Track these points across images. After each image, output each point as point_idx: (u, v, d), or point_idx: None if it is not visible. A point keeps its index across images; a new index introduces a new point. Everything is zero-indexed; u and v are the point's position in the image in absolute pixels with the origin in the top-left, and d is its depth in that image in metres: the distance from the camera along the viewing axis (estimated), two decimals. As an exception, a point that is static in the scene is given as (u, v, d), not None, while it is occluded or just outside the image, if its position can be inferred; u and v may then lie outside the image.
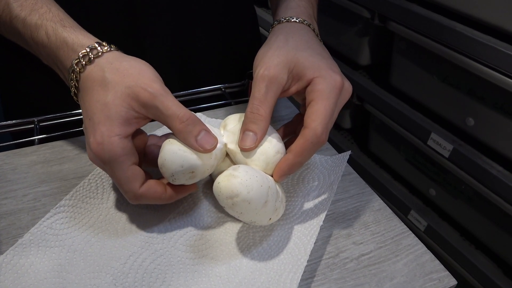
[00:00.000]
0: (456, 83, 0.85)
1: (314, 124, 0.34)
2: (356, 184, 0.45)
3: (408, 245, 0.38)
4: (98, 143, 0.33)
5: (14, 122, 0.52)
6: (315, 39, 0.41)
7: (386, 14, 0.93)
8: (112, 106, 0.33)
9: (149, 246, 0.36)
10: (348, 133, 1.25)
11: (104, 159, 0.33)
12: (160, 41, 0.56)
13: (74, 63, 0.35)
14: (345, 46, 1.11)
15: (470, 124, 0.84)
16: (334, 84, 0.35)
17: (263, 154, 0.35)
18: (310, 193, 0.42)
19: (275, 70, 0.35)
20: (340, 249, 0.38)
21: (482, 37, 0.74)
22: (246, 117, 0.35)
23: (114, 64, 0.35)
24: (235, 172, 0.32)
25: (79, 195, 0.40)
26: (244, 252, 0.36)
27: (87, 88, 0.35)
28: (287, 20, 0.42)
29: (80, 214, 0.39)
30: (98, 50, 0.35)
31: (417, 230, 0.99)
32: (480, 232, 0.89)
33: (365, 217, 0.41)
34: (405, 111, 0.95)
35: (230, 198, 0.32)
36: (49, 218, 0.38)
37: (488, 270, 0.86)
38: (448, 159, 0.87)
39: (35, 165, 0.45)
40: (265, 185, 0.33)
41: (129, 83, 0.34)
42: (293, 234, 0.37)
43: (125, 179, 0.34)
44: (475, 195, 0.86)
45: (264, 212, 0.33)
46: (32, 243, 0.36)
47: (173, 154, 0.33)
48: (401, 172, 1.07)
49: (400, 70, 0.98)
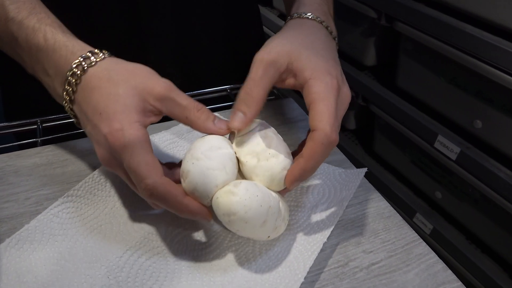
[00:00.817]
0: (464, 84, 0.84)
1: (322, 124, 0.33)
2: (365, 189, 0.44)
3: (419, 254, 0.37)
4: (117, 129, 0.31)
5: (16, 123, 0.51)
6: (323, 38, 0.40)
7: (393, 14, 0.92)
8: (127, 96, 0.33)
9: (148, 243, 0.36)
10: (353, 134, 1.24)
11: (124, 144, 0.31)
12: (163, 41, 0.56)
13: (74, 66, 0.34)
14: (350, 46, 1.10)
15: (478, 127, 0.83)
16: (331, 85, 0.35)
17: (268, 171, 0.33)
18: (318, 205, 0.40)
19: (275, 55, 0.35)
20: (350, 257, 0.36)
21: (491, 38, 0.73)
22: (239, 97, 0.35)
23: (119, 65, 0.35)
24: (235, 189, 0.31)
25: (87, 186, 0.41)
26: (242, 260, 0.35)
27: (92, 87, 0.34)
28: (300, 16, 0.41)
29: (86, 205, 0.39)
30: (99, 55, 0.35)
31: (423, 233, 0.98)
32: (486, 236, 0.88)
33: (375, 224, 0.40)
34: (412, 113, 0.94)
35: (227, 216, 0.31)
36: (56, 206, 0.38)
37: (494, 274, 0.85)
38: (455, 161, 0.85)
39: (37, 168, 0.44)
40: (265, 205, 0.31)
41: (141, 79, 0.34)
42: (294, 247, 0.36)
43: (146, 163, 0.31)
44: (482, 198, 0.85)
45: (262, 231, 0.32)
46: (37, 229, 0.36)
47: (204, 175, 0.32)
48: (406, 174, 1.06)
49: (407, 71, 0.97)
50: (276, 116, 0.54)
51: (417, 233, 0.39)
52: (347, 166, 0.47)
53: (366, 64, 1.08)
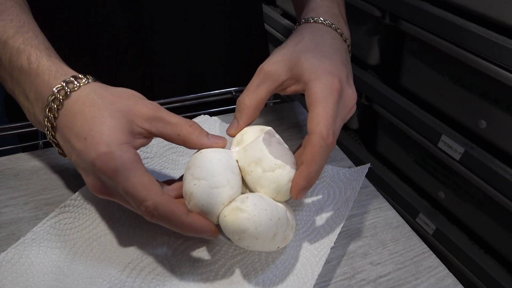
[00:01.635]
0: (469, 84, 0.83)
1: (318, 128, 0.32)
2: (373, 198, 0.42)
3: (429, 267, 0.36)
4: (106, 153, 0.29)
5: (18, 125, 0.50)
6: (330, 40, 0.40)
7: (398, 13, 0.91)
8: (113, 119, 0.31)
9: (150, 254, 0.35)
10: (356, 134, 1.23)
11: (115, 168, 0.29)
12: (167, 42, 0.55)
13: (56, 90, 0.32)
14: (354, 45, 1.09)
15: (482, 127, 0.82)
16: (330, 86, 0.34)
17: (274, 182, 0.32)
18: (323, 208, 0.39)
19: (273, 66, 0.36)
20: (356, 269, 0.35)
21: (497, 37, 0.72)
22: (236, 106, 0.37)
23: (103, 89, 0.33)
24: (243, 205, 0.30)
25: (85, 196, 0.39)
26: (248, 270, 0.34)
27: (75, 112, 0.32)
28: (306, 21, 0.41)
29: (84, 215, 0.37)
30: (82, 80, 0.33)
31: (425, 233, 0.97)
32: (490, 237, 0.88)
33: (383, 235, 0.39)
34: (415, 113, 0.93)
35: (237, 234, 0.30)
36: (53, 217, 0.37)
37: (498, 275, 0.85)
38: (459, 162, 0.85)
39: (38, 171, 0.43)
40: (274, 218, 0.31)
41: (127, 101, 0.32)
42: (301, 254, 0.35)
43: (143, 185, 0.29)
44: (486, 198, 0.84)
45: (273, 243, 0.32)
46: (34, 242, 0.35)
47: (208, 196, 0.30)
48: (409, 174, 1.05)
49: (411, 71, 0.96)
50: (281, 120, 0.53)
51: (420, 234, 0.38)
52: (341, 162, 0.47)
53: (370, 63, 1.07)
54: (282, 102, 0.60)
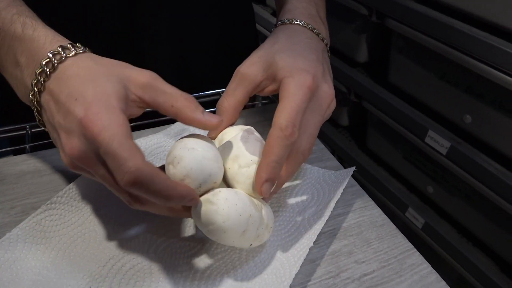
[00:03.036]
0: (454, 80, 0.84)
1: (279, 120, 0.33)
2: (359, 197, 0.43)
3: (412, 264, 0.36)
4: (95, 113, 0.28)
5: (5, 129, 0.50)
6: (305, 40, 0.40)
7: (384, 11, 0.92)
8: (107, 83, 0.30)
9: (131, 251, 0.35)
10: (346, 131, 1.25)
11: (101, 126, 0.28)
12: (158, 43, 0.56)
13: (51, 54, 0.32)
14: (342, 43, 1.11)
15: (468, 122, 0.84)
16: (303, 83, 0.35)
17: (249, 178, 0.33)
18: (306, 209, 0.40)
19: (249, 68, 0.37)
20: (341, 268, 0.36)
21: (481, 35, 0.74)
22: (216, 109, 0.37)
23: (100, 58, 0.33)
24: (214, 198, 0.31)
25: (71, 193, 0.39)
26: (228, 268, 0.35)
27: (69, 75, 0.31)
28: (282, 23, 0.42)
29: (70, 212, 0.38)
30: (80, 48, 0.33)
31: (415, 227, 0.99)
32: (478, 230, 0.89)
33: (368, 233, 0.39)
34: (403, 109, 0.94)
35: (205, 225, 0.31)
36: (39, 214, 0.37)
37: (486, 267, 0.86)
38: (445, 156, 0.86)
39: (24, 175, 0.43)
40: (245, 214, 0.31)
41: (124, 69, 0.32)
42: (280, 253, 0.36)
43: (128, 147, 0.28)
44: (473, 192, 0.86)
45: (243, 239, 0.32)
46: (19, 238, 0.35)
47: (200, 163, 0.30)
48: (398, 169, 1.06)
49: (398, 68, 0.98)
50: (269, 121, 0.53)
51: (409, 228, 0.39)
52: (329, 164, 0.47)
53: (359, 61, 1.09)
54: (271, 103, 0.61)
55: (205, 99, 0.59)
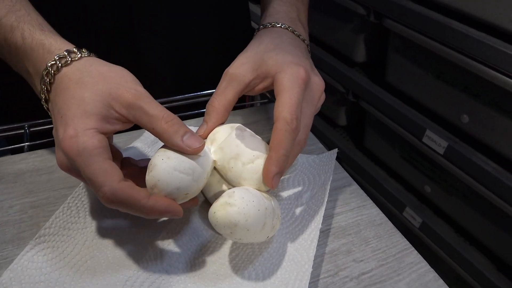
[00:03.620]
0: (451, 80, 0.85)
1: (283, 114, 0.33)
2: (357, 196, 0.43)
3: (411, 263, 0.37)
4: (71, 136, 0.30)
5: (3, 128, 0.49)
6: (288, 40, 0.41)
7: (382, 11, 0.93)
8: (90, 101, 0.31)
9: (146, 268, 0.34)
10: (344, 130, 1.25)
11: (77, 152, 0.30)
12: (155, 42, 0.56)
13: (49, 65, 0.33)
14: (340, 43, 1.11)
15: (465, 121, 0.84)
16: (296, 75, 0.35)
17: (256, 173, 0.33)
18: (302, 195, 0.41)
19: (237, 69, 0.37)
20: (340, 267, 0.36)
21: (478, 35, 0.74)
22: (205, 109, 0.37)
23: (94, 67, 0.34)
24: (231, 199, 0.31)
25: (59, 222, 0.36)
26: (245, 264, 0.35)
27: (61, 88, 0.33)
28: (264, 27, 0.43)
29: (63, 243, 0.35)
30: (76, 54, 0.34)
31: (412, 226, 0.99)
32: (475, 229, 0.90)
33: (366, 232, 0.39)
34: (401, 108, 0.95)
35: (228, 228, 0.31)
36: (29, 251, 0.34)
37: (483, 266, 0.87)
38: (443, 156, 0.87)
39: (23, 174, 0.43)
40: (262, 208, 0.32)
41: (111, 84, 0.32)
42: (292, 239, 0.36)
43: (102, 171, 0.30)
44: (470, 192, 0.86)
45: (263, 233, 0.33)
46: (13, 281, 0.32)
47: (169, 175, 0.31)
48: (396, 169, 1.07)
49: (396, 67, 0.98)
50: (269, 120, 0.54)
51: (406, 227, 0.39)
52: (321, 151, 0.48)
53: (356, 61, 1.09)
54: (269, 102, 0.61)
55: (202, 98, 0.59)
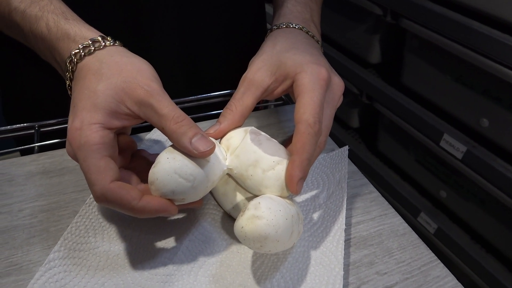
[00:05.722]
0: (471, 82, 0.82)
1: (305, 116, 0.32)
2: (378, 204, 0.41)
3: (437, 277, 0.35)
4: (76, 128, 0.30)
5: (13, 128, 0.48)
6: (303, 40, 0.40)
7: (399, 11, 0.90)
8: (101, 95, 0.31)
9: (169, 284, 0.32)
10: (356, 133, 1.23)
11: (79, 145, 0.30)
12: (166, 40, 0.55)
13: (73, 53, 0.33)
14: (355, 43, 1.09)
15: (485, 125, 0.82)
16: (318, 76, 0.34)
17: (278, 179, 0.32)
18: (319, 195, 0.39)
19: (256, 73, 0.36)
20: (362, 279, 0.34)
21: (499, 35, 0.72)
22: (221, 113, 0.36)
23: (114, 58, 0.33)
24: (258, 212, 0.29)
25: (68, 244, 0.34)
26: (272, 272, 0.33)
27: (80, 77, 0.33)
28: (278, 27, 0.42)
29: (76, 266, 0.33)
30: (100, 43, 0.34)
31: (427, 232, 0.97)
32: (492, 236, 0.88)
33: (389, 243, 0.37)
34: (417, 111, 0.92)
35: (258, 242, 0.29)
36: (39, 278, 0.32)
37: (499, 274, 0.85)
38: (461, 160, 0.84)
39: (33, 176, 0.41)
40: (289, 217, 0.30)
41: (126, 78, 0.32)
42: (316, 243, 0.35)
43: (96, 168, 0.29)
44: (488, 197, 0.84)
45: (291, 241, 0.31)
46: None
47: (168, 176, 0.30)
48: (410, 173, 1.05)
49: (412, 69, 0.96)
50: (284, 123, 0.52)
51: (421, 233, 0.38)
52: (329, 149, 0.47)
53: (371, 62, 1.07)
54: (284, 104, 0.59)
55: (213, 100, 0.57)
